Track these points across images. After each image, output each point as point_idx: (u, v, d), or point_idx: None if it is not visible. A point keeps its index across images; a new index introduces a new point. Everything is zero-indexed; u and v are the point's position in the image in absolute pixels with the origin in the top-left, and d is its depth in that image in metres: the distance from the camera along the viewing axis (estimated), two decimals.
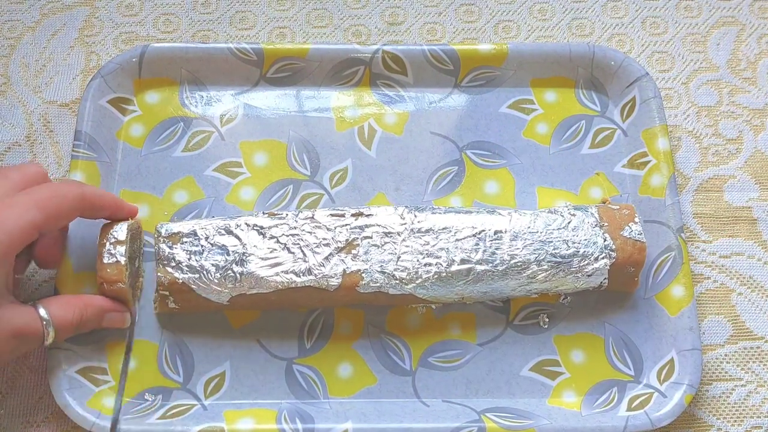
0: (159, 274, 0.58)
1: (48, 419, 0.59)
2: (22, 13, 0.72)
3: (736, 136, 0.69)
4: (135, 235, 0.60)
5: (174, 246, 0.59)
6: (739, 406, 0.61)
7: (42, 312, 0.54)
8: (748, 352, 0.62)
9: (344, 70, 0.68)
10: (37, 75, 0.70)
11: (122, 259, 0.57)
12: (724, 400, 0.61)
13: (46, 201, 0.53)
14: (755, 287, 0.64)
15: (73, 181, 0.59)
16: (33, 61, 0.70)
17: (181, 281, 0.58)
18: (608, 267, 0.59)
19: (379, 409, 0.59)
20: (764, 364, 0.62)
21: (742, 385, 0.61)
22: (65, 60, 0.70)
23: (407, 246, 0.59)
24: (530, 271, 0.59)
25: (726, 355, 0.62)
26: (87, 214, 0.57)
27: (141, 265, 0.62)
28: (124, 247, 0.57)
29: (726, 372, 0.62)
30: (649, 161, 0.65)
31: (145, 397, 0.59)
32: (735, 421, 0.60)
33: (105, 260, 0.57)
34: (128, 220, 0.59)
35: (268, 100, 0.68)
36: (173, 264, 0.58)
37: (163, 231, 0.59)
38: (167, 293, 0.59)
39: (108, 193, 0.60)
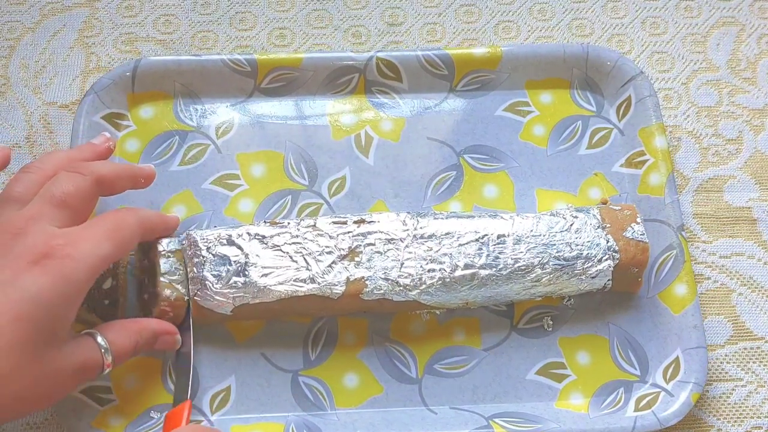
0: (166, 290, 0.57)
1: (48, 420, 0.58)
2: (22, 14, 0.71)
3: (736, 136, 0.69)
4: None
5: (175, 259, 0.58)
6: (740, 407, 0.61)
7: (100, 340, 0.52)
8: (748, 352, 0.62)
9: (339, 78, 0.68)
10: (36, 76, 0.69)
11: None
12: (725, 401, 0.61)
13: (115, 232, 0.53)
14: (755, 287, 0.64)
15: (129, 208, 0.58)
16: (33, 62, 0.70)
17: (183, 293, 0.57)
18: (612, 268, 0.59)
19: (387, 418, 0.58)
20: (764, 364, 0.62)
21: (742, 386, 0.61)
22: (65, 61, 0.70)
23: (410, 252, 0.58)
24: (534, 275, 0.59)
25: (726, 356, 0.62)
26: (144, 238, 0.57)
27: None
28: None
29: (726, 372, 0.62)
30: (647, 160, 0.65)
31: (151, 415, 0.58)
32: (735, 421, 0.60)
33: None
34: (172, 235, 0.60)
35: (264, 110, 0.67)
36: (174, 277, 0.58)
37: (164, 244, 0.58)
38: (168, 309, 0.57)
39: (155, 212, 0.60)
